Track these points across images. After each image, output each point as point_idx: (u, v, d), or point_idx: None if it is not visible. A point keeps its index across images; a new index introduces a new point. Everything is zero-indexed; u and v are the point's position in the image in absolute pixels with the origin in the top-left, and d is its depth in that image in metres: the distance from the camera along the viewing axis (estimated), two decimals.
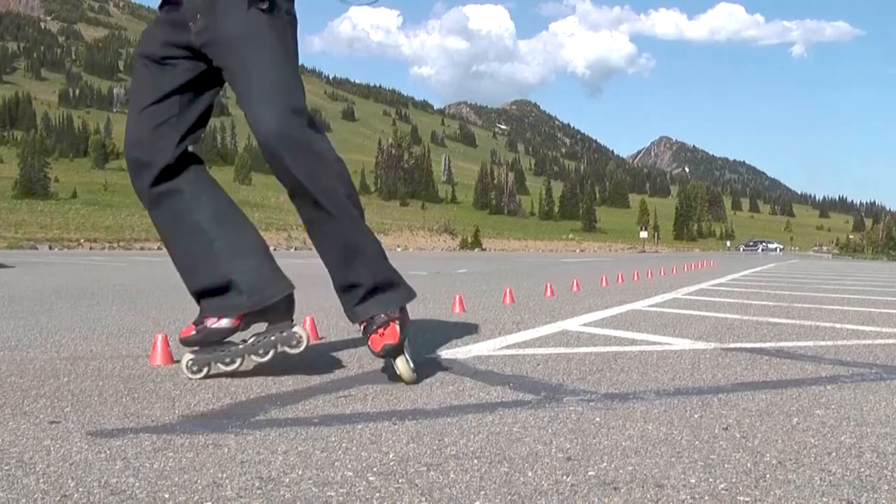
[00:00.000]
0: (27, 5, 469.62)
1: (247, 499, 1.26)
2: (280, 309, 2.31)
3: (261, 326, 2.34)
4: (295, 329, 2.29)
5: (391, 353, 2.21)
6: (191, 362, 2.31)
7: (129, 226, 51.47)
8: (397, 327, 2.24)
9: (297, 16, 2.28)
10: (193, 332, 2.31)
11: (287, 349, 2.28)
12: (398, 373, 2.23)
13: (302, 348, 2.28)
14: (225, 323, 2.30)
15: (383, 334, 2.21)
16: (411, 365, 2.25)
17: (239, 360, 2.32)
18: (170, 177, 2.28)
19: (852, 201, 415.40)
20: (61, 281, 8.60)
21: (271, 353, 2.29)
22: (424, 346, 3.12)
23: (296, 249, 49.08)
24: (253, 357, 2.29)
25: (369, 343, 2.23)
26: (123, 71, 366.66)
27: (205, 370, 2.31)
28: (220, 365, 2.31)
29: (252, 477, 1.37)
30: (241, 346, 2.31)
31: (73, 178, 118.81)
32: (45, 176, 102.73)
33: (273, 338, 2.28)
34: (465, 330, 3.70)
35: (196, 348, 2.33)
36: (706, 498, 1.28)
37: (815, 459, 1.52)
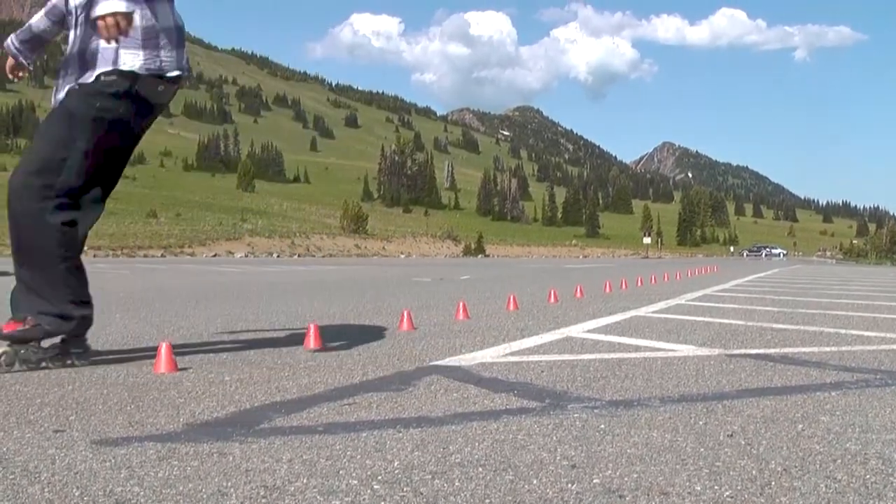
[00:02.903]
0: (29, 13, 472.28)
1: None
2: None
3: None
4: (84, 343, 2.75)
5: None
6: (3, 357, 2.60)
7: (133, 233, 51.61)
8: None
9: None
10: (20, 328, 2.62)
11: (75, 360, 2.70)
12: None
13: (86, 360, 2.72)
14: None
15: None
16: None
17: (43, 364, 2.64)
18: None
19: (856, 206, 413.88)
20: None
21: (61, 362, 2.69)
22: (428, 352, 3.13)
23: (299, 256, 49.11)
24: (47, 362, 2.65)
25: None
26: None
27: (14, 365, 2.59)
28: (25, 364, 2.61)
29: (257, 485, 1.37)
30: (40, 351, 2.66)
31: None
32: None
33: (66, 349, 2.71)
34: (469, 337, 3.70)
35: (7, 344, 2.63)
36: None
37: (821, 466, 1.52)
